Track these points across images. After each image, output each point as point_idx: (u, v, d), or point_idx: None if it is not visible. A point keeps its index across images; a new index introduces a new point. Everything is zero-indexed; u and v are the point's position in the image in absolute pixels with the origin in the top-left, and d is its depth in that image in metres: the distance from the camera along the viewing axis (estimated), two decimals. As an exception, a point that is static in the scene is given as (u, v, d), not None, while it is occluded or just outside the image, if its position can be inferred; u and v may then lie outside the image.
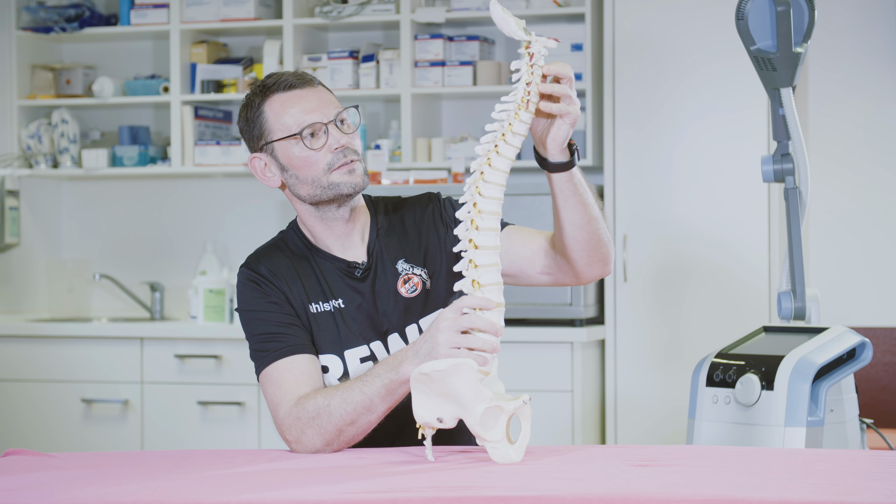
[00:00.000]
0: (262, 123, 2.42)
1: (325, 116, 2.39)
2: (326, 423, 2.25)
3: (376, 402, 2.23)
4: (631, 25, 4.63)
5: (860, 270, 4.78)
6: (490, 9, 2.19)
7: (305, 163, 2.39)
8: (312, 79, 2.44)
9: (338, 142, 2.38)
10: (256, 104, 2.42)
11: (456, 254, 2.46)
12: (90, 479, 2.00)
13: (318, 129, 2.38)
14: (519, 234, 2.45)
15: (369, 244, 2.47)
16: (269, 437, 4.76)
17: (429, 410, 2.08)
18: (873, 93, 4.76)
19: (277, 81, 2.41)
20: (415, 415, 2.08)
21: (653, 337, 4.61)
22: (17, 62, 5.32)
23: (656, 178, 4.61)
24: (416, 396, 2.08)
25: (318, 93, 2.42)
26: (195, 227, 5.46)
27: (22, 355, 4.99)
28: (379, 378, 2.23)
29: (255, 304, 2.42)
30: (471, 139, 5.00)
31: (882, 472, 1.96)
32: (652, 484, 1.87)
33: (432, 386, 2.07)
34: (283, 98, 2.40)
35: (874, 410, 4.52)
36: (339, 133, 2.39)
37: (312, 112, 2.39)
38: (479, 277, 2.12)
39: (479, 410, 2.06)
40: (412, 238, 2.49)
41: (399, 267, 2.46)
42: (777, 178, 3.24)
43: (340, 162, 2.39)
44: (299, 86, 2.41)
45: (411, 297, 2.44)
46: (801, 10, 3.19)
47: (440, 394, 2.07)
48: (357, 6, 5.05)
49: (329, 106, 2.41)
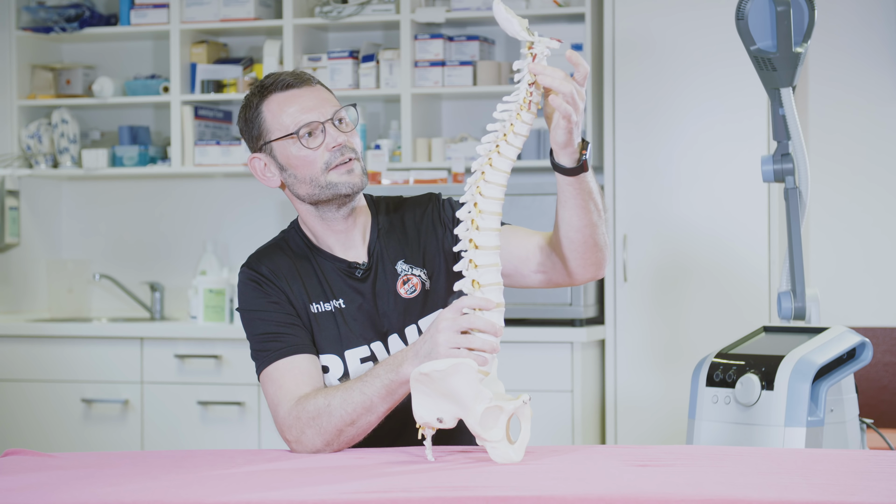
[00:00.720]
0: (260, 123, 2.42)
1: (323, 115, 2.39)
2: (326, 423, 2.25)
3: (376, 402, 2.23)
4: (631, 25, 4.63)
5: (860, 270, 4.78)
6: (493, 8, 2.19)
7: (303, 162, 2.39)
8: (311, 78, 2.44)
9: (335, 140, 2.38)
10: (255, 104, 2.42)
11: (455, 254, 2.46)
12: (90, 479, 2.00)
13: (316, 127, 2.38)
14: (515, 234, 2.45)
15: (370, 244, 2.47)
16: (269, 437, 4.76)
17: (429, 410, 2.08)
18: (873, 93, 4.76)
19: (275, 81, 2.41)
20: (415, 415, 2.08)
21: (653, 337, 4.61)
22: (17, 62, 5.32)
23: (656, 178, 4.61)
24: (416, 396, 2.07)
25: (316, 91, 2.42)
26: (195, 227, 5.46)
27: (22, 355, 4.99)
28: (379, 378, 2.23)
29: (255, 304, 2.42)
30: (471, 139, 5.00)
31: (882, 472, 1.96)
32: (652, 484, 1.87)
33: (432, 386, 2.07)
34: (280, 98, 2.40)
35: (874, 410, 4.52)
36: (337, 131, 2.39)
37: (310, 111, 2.39)
38: (479, 277, 2.12)
39: (479, 410, 2.06)
40: (411, 238, 2.49)
41: (398, 268, 2.46)
42: (777, 178, 3.24)
43: (338, 160, 2.39)
44: (297, 85, 2.41)
45: (410, 297, 2.44)
46: (801, 10, 3.19)
47: (440, 394, 2.07)
48: (357, 6, 5.05)
49: (326, 104, 2.40)
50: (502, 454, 2.08)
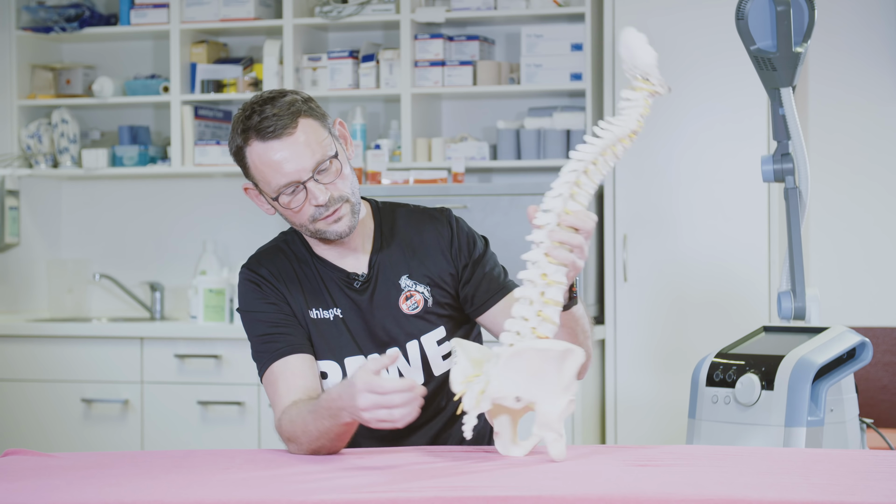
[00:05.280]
0: (246, 164, 2.35)
1: (303, 174, 2.30)
2: (301, 444, 2.26)
3: (335, 436, 2.22)
4: (631, 25, 4.62)
5: (860, 270, 4.78)
6: (625, 33, 2.17)
7: (290, 214, 2.36)
8: (292, 119, 2.31)
9: (317, 199, 2.31)
10: (239, 142, 2.34)
11: (457, 276, 2.45)
12: (90, 479, 2.00)
13: (298, 187, 2.31)
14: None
15: (371, 256, 2.45)
16: (269, 437, 4.76)
17: (513, 386, 2.05)
18: (873, 92, 4.76)
19: (257, 125, 2.30)
20: (494, 387, 2.04)
21: (653, 337, 4.61)
22: (17, 62, 5.32)
23: (656, 178, 4.61)
24: (505, 372, 2.04)
25: (296, 142, 2.30)
26: (195, 227, 5.46)
27: (22, 355, 4.99)
28: (326, 420, 2.19)
29: (253, 305, 2.42)
30: (471, 139, 5.00)
31: (882, 472, 1.97)
32: (652, 484, 1.87)
33: (531, 364, 2.04)
34: (260, 150, 2.31)
35: (874, 410, 4.52)
36: (319, 188, 2.31)
37: (289, 173, 2.30)
38: (546, 290, 2.10)
39: (564, 402, 2.06)
40: (418, 254, 2.46)
41: (402, 283, 2.44)
42: (777, 177, 3.24)
43: (323, 215, 2.34)
44: (277, 133, 2.29)
45: (412, 314, 2.43)
46: (801, 9, 3.18)
47: (532, 374, 2.06)
48: (357, 6, 5.05)
49: (306, 157, 2.30)
50: (559, 451, 2.07)
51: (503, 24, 5.12)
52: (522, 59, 4.91)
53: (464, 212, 4.59)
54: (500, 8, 4.93)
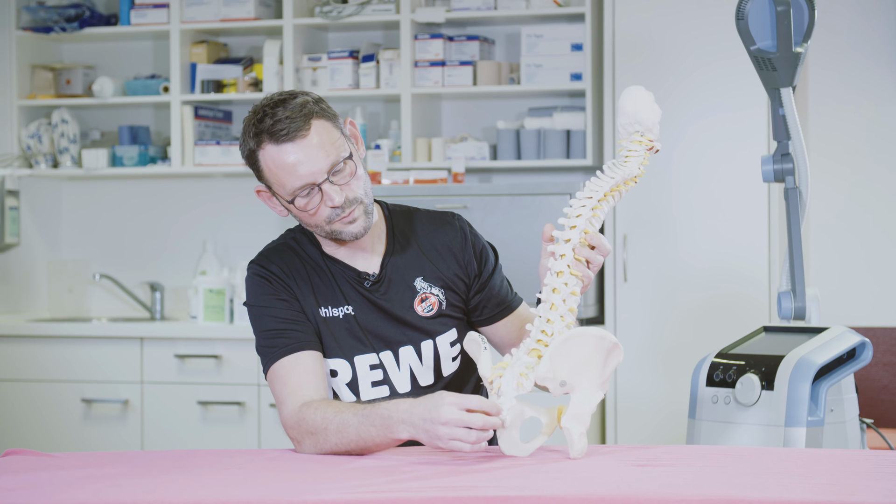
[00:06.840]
0: (260, 167, 2.34)
1: (318, 176, 2.29)
2: (323, 442, 2.24)
3: (370, 446, 2.21)
4: (631, 25, 4.63)
5: (860, 270, 4.78)
6: (633, 91, 2.23)
7: (304, 216, 2.36)
8: (305, 121, 2.29)
9: (332, 201, 2.31)
10: (252, 145, 2.32)
11: (468, 284, 2.48)
12: (90, 479, 2.00)
13: (313, 189, 2.31)
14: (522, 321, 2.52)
15: (384, 256, 2.46)
16: (269, 437, 4.76)
17: (563, 371, 2.07)
18: (873, 92, 4.76)
19: (270, 128, 2.29)
20: (542, 370, 2.06)
21: (653, 337, 4.61)
22: (17, 62, 5.32)
23: (656, 178, 4.60)
24: (556, 357, 2.06)
25: (309, 144, 2.28)
26: (195, 227, 5.46)
27: (22, 355, 4.99)
28: (374, 428, 2.18)
29: (263, 300, 2.42)
30: (471, 139, 4.99)
31: (882, 472, 1.97)
32: (652, 484, 1.87)
33: (584, 350, 2.07)
34: (273, 152, 2.29)
35: (874, 410, 4.52)
36: (334, 189, 2.31)
37: (304, 176, 2.29)
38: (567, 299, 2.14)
39: (599, 397, 2.10)
40: (432, 257, 2.48)
41: (417, 285, 2.45)
42: (777, 177, 3.24)
43: (338, 217, 2.34)
44: (290, 136, 2.27)
45: (427, 315, 2.44)
46: (801, 9, 3.19)
47: (582, 363, 2.07)
48: (357, 6, 5.05)
49: (321, 159, 2.29)
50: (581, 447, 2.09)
51: (503, 24, 5.12)
52: (522, 59, 4.91)
53: (464, 212, 4.59)
54: (500, 8, 4.93)
